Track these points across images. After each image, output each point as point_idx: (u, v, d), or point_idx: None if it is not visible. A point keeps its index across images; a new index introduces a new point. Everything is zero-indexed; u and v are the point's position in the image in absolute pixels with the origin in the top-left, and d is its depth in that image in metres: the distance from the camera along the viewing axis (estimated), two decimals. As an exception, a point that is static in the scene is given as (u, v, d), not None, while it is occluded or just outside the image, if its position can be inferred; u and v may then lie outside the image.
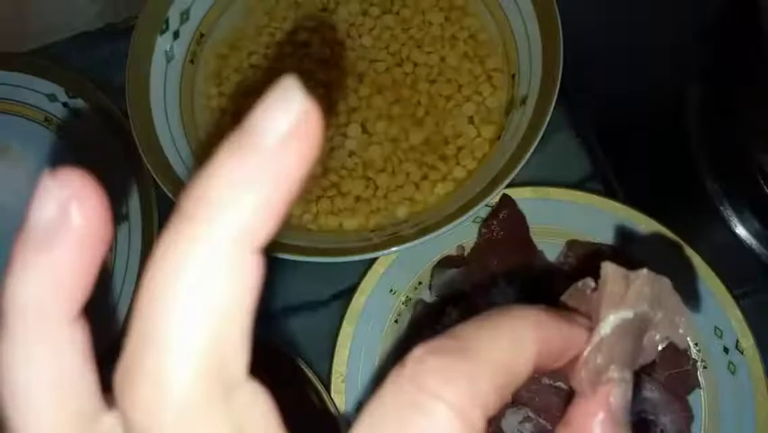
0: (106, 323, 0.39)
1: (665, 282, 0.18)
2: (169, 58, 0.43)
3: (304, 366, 0.35)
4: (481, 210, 0.39)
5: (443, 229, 0.36)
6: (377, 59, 0.44)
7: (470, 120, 0.42)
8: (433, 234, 0.36)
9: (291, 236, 0.39)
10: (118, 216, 0.42)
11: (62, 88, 0.46)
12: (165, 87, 0.42)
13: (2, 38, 0.48)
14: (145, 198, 0.42)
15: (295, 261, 0.37)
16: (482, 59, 0.43)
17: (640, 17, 0.47)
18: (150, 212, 0.41)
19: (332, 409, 0.34)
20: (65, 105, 0.46)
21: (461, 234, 0.40)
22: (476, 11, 0.44)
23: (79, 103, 0.45)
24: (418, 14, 0.45)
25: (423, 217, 0.39)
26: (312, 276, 0.42)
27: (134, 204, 0.42)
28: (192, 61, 0.44)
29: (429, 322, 0.37)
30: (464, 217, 0.36)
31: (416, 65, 0.44)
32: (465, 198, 0.38)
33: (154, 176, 0.38)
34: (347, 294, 0.40)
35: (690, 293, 0.37)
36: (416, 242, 0.36)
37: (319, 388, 0.34)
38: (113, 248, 0.41)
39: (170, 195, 0.38)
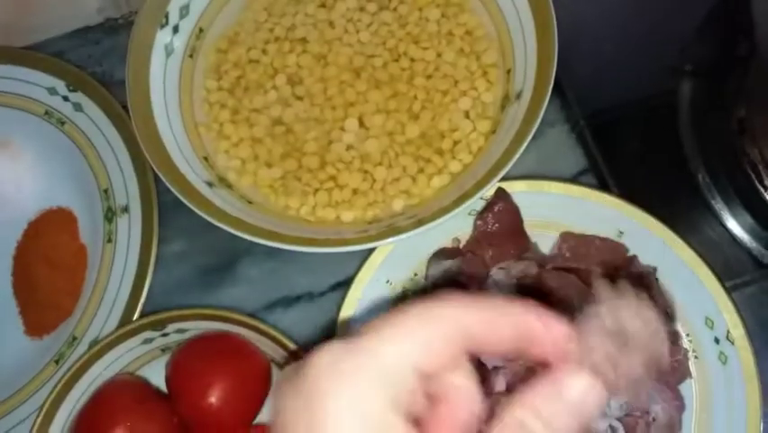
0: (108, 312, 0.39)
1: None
2: (168, 52, 0.44)
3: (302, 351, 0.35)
4: (477, 203, 0.40)
5: (439, 221, 0.37)
6: (374, 55, 0.44)
7: (466, 114, 0.42)
8: (429, 226, 0.37)
9: (290, 228, 0.39)
10: (119, 208, 0.42)
11: (63, 82, 0.46)
12: (165, 81, 0.43)
13: (2, 32, 0.49)
14: (145, 190, 0.42)
15: (293, 252, 0.37)
16: (478, 54, 0.44)
17: (634, 14, 0.48)
18: (150, 204, 0.42)
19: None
20: (65, 98, 0.46)
21: (457, 227, 0.40)
22: (472, 7, 0.45)
23: (80, 96, 0.46)
24: (415, 11, 0.45)
25: (419, 210, 0.39)
26: (310, 268, 0.43)
27: (134, 196, 0.42)
28: (191, 56, 0.45)
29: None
30: (459, 209, 0.37)
31: (412, 60, 0.44)
32: (461, 191, 0.38)
33: (155, 169, 0.39)
34: (344, 285, 0.41)
35: (681, 284, 0.38)
36: (412, 233, 0.37)
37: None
38: (113, 240, 0.41)
39: (171, 187, 0.38)
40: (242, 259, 0.43)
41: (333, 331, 0.39)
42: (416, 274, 0.40)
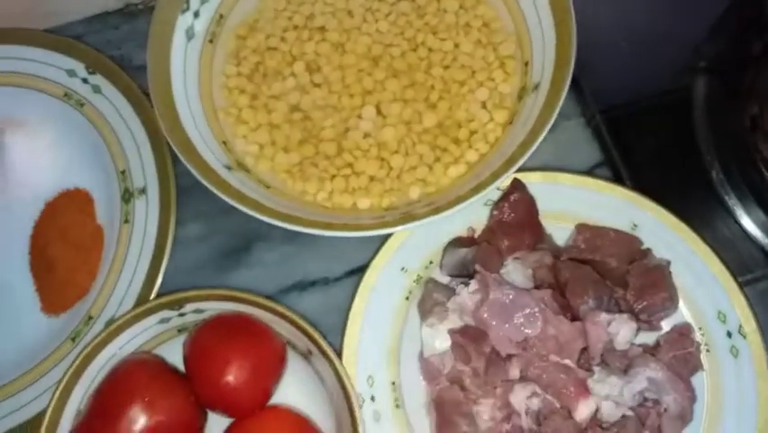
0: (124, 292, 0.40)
1: None
2: (189, 36, 0.44)
3: (321, 339, 0.35)
4: (492, 193, 0.40)
5: (455, 209, 0.37)
6: (392, 44, 0.45)
7: (483, 105, 0.43)
8: (445, 214, 0.37)
9: (306, 212, 0.39)
10: (136, 189, 0.43)
11: (82, 64, 0.47)
12: (185, 65, 0.43)
13: (22, 16, 0.49)
14: (163, 172, 0.42)
15: (309, 237, 0.38)
16: (495, 46, 0.44)
17: (650, 11, 0.48)
18: (168, 186, 0.42)
19: (345, 382, 0.35)
20: (84, 80, 0.46)
21: (473, 216, 0.41)
22: (490, 0, 0.45)
23: (99, 79, 0.46)
24: (434, 2, 0.46)
25: (435, 198, 0.40)
26: (325, 253, 0.43)
27: (152, 178, 0.43)
28: (211, 41, 0.45)
29: (440, 300, 0.38)
30: (475, 198, 0.37)
31: (430, 50, 0.44)
32: (477, 181, 0.38)
33: (176, 151, 0.39)
34: (359, 272, 0.41)
35: (694, 278, 0.38)
36: (428, 220, 0.37)
37: (334, 359, 0.35)
38: (130, 220, 0.42)
39: (192, 170, 0.38)
40: (257, 243, 0.44)
41: (347, 316, 0.39)
42: (431, 262, 0.40)
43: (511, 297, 0.36)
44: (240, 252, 0.43)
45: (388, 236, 0.40)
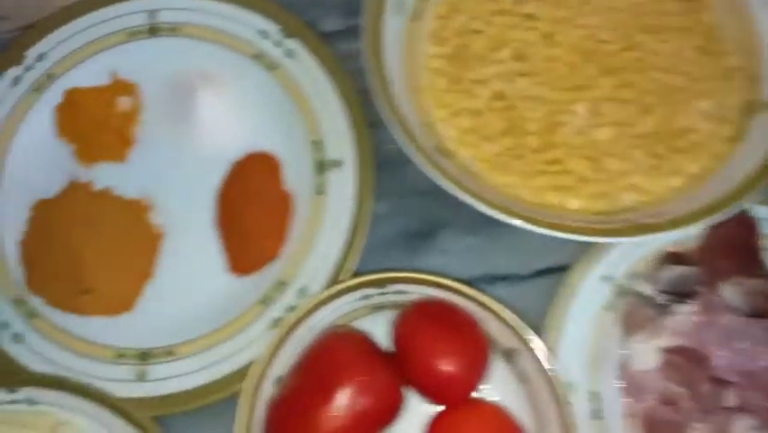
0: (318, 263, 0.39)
1: None
2: (397, 11, 0.43)
3: (534, 339, 0.34)
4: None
5: (677, 231, 0.35)
6: (605, 41, 0.43)
7: (705, 116, 0.40)
8: (669, 233, 0.35)
9: (512, 205, 0.38)
10: (330, 161, 0.42)
11: (276, 26, 0.46)
12: (394, 40, 0.42)
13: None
14: (362, 147, 0.42)
15: (495, 231, 0.37)
16: (720, 55, 0.42)
17: None
18: (368, 162, 0.41)
19: (558, 387, 0.34)
20: (278, 43, 0.46)
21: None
22: (716, 5, 0.43)
23: (293, 43, 0.46)
24: (654, 1, 0.43)
25: (652, 209, 0.38)
26: (511, 249, 0.42)
27: (348, 151, 0.42)
28: (415, 18, 0.44)
29: (651, 315, 0.36)
30: (699, 224, 0.35)
31: (647, 52, 0.42)
32: (700, 200, 0.36)
33: (393, 131, 0.37)
34: (550, 273, 0.40)
35: None
36: (649, 236, 0.35)
37: (546, 362, 0.34)
38: (324, 192, 0.41)
39: (408, 149, 0.37)
40: (441, 230, 0.43)
41: (539, 319, 0.38)
42: (634, 274, 0.38)
43: (736, 323, 0.34)
44: (426, 236, 0.42)
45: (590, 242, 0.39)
